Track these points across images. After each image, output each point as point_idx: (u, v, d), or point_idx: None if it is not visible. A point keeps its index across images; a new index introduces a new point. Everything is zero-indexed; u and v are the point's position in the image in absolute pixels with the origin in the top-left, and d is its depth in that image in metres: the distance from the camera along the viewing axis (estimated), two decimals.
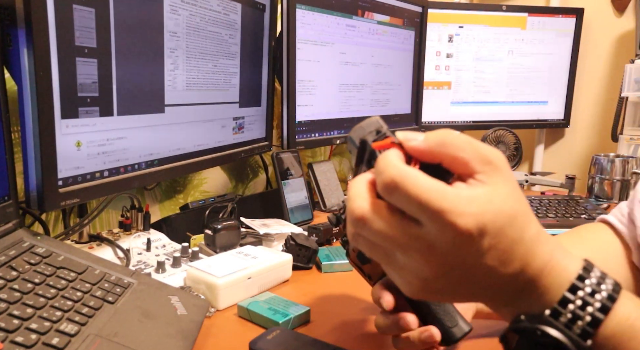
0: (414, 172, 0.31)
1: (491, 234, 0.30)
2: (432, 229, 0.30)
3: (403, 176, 0.31)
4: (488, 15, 1.59)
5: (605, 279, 0.33)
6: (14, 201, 0.61)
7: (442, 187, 0.30)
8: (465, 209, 0.30)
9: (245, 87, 1.03)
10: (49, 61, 0.60)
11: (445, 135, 0.32)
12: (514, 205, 0.31)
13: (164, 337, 0.50)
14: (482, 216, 0.30)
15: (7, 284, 0.48)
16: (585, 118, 1.73)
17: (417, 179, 0.30)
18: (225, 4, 0.92)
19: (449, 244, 0.30)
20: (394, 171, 0.31)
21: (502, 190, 0.31)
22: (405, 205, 0.31)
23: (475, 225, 0.30)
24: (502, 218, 0.30)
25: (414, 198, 0.30)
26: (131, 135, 0.74)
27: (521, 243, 0.31)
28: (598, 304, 0.31)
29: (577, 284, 0.32)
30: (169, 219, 0.92)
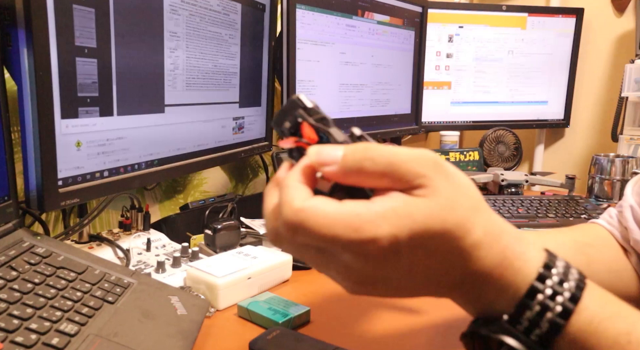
0: (312, 207, 0.29)
1: (409, 250, 0.29)
2: (346, 256, 0.29)
3: (301, 218, 0.29)
4: (488, 15, 1.59)
5: (568, 275, 0.31)
6: (14, 201, 0.61)
7: (347, 214, 0.28)
8: (375, 234, 0.28)
9: (245, 87, 1.03)
10: (49, 61, 0.60)
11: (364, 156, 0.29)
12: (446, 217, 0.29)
13: (164, 337, 0.50)
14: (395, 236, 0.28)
15: (7, 284, 0.48)
16: (585, 118, 1.73)
17: (316, 216, 0.28)
18: (225, 4, 0.92)
19: (366, 266, 0.29)
20: (290, 215, 0.29)
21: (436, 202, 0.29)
22: (314, 242, 0.29)
23: (388, 246, 0.28)
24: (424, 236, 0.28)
25: (318, 237, 0.29)
26: (131, 135, 0.74)
27: (456, 252, 0.29)
28: (559, 307, 0.29)
29: (537, 286, 0.30)
30: (169, 219, 0.92)
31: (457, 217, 0.29)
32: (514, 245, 0.31)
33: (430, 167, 0.30)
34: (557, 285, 0.30)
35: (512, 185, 1.34)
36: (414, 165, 0.29)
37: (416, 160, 0.30)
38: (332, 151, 0.30)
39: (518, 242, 0.32)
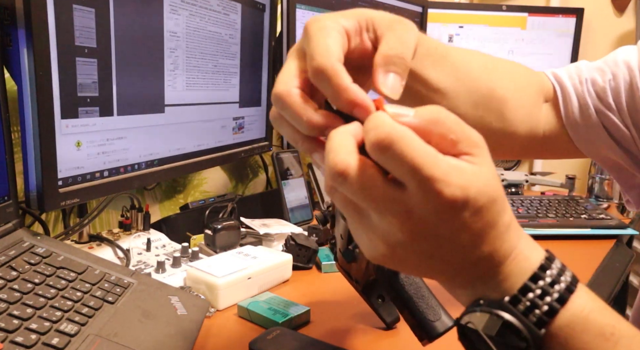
0: (410, 133, 0.30)
1: (471, 209, 0.30)
2: (416, 195, 0.30)
3: (399, 135, 0.29)
4: (488, 15, 1.59)
5: (565, 270, 0.33)
6: (14, 201, 0.61)
7: (435, 154, 0.30)
8: (454, 180, 0.29)
9: (245, 87, 1.03)
10: (49, 61, 0.60)
11: (438, 113, 0.31)
12: (496, 188, 0.31)
13: (164, 337, 0.50)
14: (468, 190, 0.29)
15: (7, 284, 0.48)
16: None
17: (412, 140, 0.29)
18: (225, 4, 0.92)
19: (429, 212, 0.30)
20: (389, 128, 0.29)
21: (486, 172, 0.31)
22: (395, 166, 0.30)
23: (460, 196, 0.29)
24: (485, 197, 0.30)
25: (407, 160, 0.29)
26: (131, 135, 0.74)
27: (495, 227, 0.31)
28: (556, 294, 0.32)
29: (539, 274, 0.32)
30: (169, 219, 0.92)
31: (501, 190, 0.32)
32: (526, 238, 0.34)
33: (482, 140, 0.32)
34: (556, 276, 0.32)
35: (512, 185, 1.34)
36: (475, 134, 0.31)
37: (474, 131, 0.32)
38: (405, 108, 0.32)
39: (527, 237, 0.34)
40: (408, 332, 0.52)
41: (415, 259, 0.32)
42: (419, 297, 0.50)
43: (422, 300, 0.50)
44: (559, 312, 0.31)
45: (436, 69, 0.49)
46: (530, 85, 0.60)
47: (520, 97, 0.58)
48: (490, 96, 0.55)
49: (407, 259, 0.32)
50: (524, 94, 0.59)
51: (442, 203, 0.29)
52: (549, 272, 0.32)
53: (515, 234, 0.33)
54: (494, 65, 0.58)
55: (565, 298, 0.32)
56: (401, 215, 0.30)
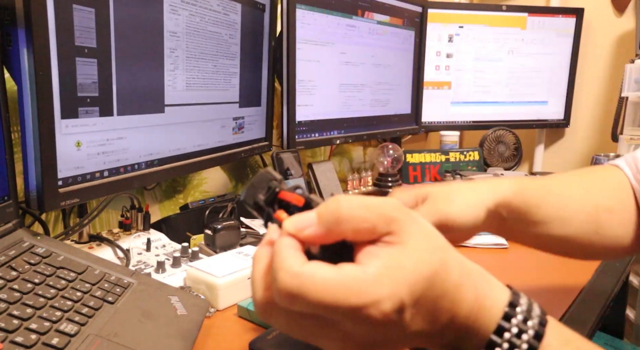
0: (310, 273, 0.28)
1: (411, 305, 0.29)
2: (347, 324, 0.29)
3: (298, 285, 0.28)
4: (488, 15, 1.59)
5: (531, 312, 0.32)
6: (14, 201, 0.61)
7: (345, 279, 0.28)
8: (378, 296, 0.27)
9: (245, 87, 1.03)
10: (49, 61, 0.60)
11: (338, 209, 0.30)
12: (430, 261, 0.29)
13: (164, 337, 0.50)
14: (398, 294, 0.28)
15: (7, 284, 0.48)
16: (585, 118, 1.73)
17: (314, 282, 0.27)
18: (225, 4, 0.92)
19: (369, 331, 0.29)
20: (287, 281, 0.28)
21: (413, 246, 0.29)
22: (312, 311, 0.29)
23: (392, 307, 0.28)
24: (420, 285, 0.29)
25: (318, 305, 0.28)
26: (131, 135, 0.74)
27: (445, 296, 0.30)
28: (525, 345, 0.30)
29: (503, 325, 0.31)
30: (169, 219, 0.92)
31: (438, 257, 0.30)
32: (482, 284, 0.32)
33: (400, 209, 0.30)
34: (522, 324, 0.31)
35: None
36: (387, 209, 0.30)
37: (385, 204, 0.30)
38: (306, 215, 0.31)
39: (484, 279, 0.33)
40: None
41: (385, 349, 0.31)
42: None
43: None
44: None
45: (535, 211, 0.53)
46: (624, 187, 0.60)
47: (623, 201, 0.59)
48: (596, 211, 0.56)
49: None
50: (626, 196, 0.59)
51: (377, 322, 0.28)
52: (514, 320, 0.31)
53: (470, 287, 0.31)
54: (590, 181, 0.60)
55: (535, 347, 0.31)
56: (342, 339, 0.30)
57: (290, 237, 0.30)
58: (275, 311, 0.30)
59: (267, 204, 0.35)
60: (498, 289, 0.33)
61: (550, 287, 0.64)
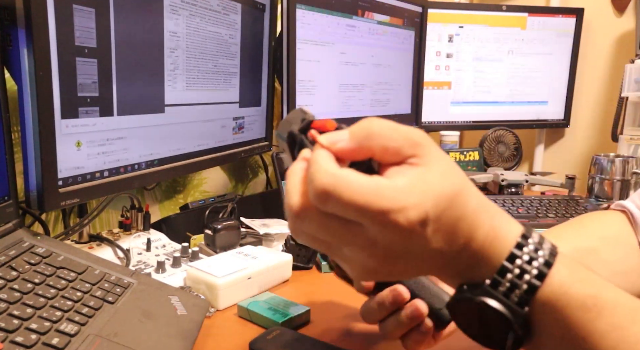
0: (345, 175, 0.30)
1: (434, 219, 0.30)
2: (374, 229, 0.30)
3: (333, 183, 0.29)
4: (488, 15, 1.59)
5: (542, 244, 0.33)
6: (14, 201, 0.61)
7: (377, 185, 0.30)
8: (405, 203, 0.29)
9: (245, 87, 1.03)
10: (49, 61, 0.60)
11: (370, 126, 0.32)
12: (452, 181, 0.31)
13: (164, 337, 0.50)
14: (424, 205, 0.30)
15: (7, 284, 0.48)
16: (585, 118, 1.73)
17: (349, 183, 0.29)
18: (225, 4, 0.92)
19: (394, 239, 0.30)
20: (323, 179, 0.30)
21: (437, 169, 0.31)
22: (343, 212, 0.30)
23: (418, 217, 0.29)
24: (443, 200, 0.30)
25: (349, 205, 0.29)
26: (131, 135, 0.74)
27: (464, 219, 0.32)
28: (535, 271, 0.32)
29: (515, 253, 0.32)
30: (169, 219, 0.92)
31: (460, 179, 0.32)
32: (499, 215, 0.34)
33: (425, 137, 0.32)
34: (533, 252, 0.33)
35: (512, 185, 1.34)
36: (414, 133, 0.32)
37: (413, 130, 0.32)
38: (339, 132, 0.33)
39: (500, 213, 0.34)
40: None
41: (398, 272, 0.33)
42: (420, 288, 0.50)
43: (423, 291, 0.49)
44: (538, 290, 0.32)
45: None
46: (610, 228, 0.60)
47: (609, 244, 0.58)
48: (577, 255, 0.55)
49: (391, 274, 0.33)
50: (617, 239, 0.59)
51: (402, 230, 0.29)
52: (525, 249, 0.33)
53: (486, 216, 0.33)
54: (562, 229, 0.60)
55: (544, 273, 0.32)
56: (366, 247, 0.31)
57: (324, 149, 0.32)
58: (307, 217, 0.32)
59: (301, 132, 0.37)
60: (513, 223, 0.34)
61: None
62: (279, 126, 0.38)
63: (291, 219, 0.33)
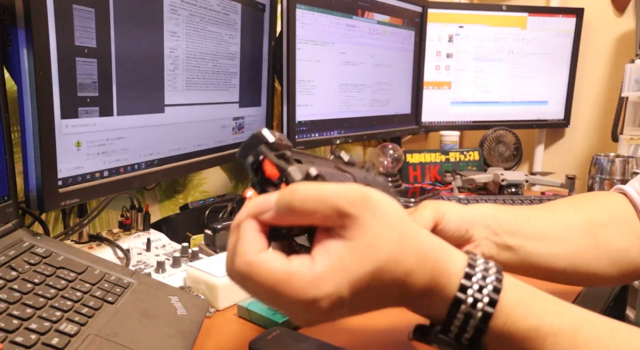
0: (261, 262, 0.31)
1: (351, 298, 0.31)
2: (291, 307, 0.31)
3: (248, 271, 0.31)
4: (488, 15, 1.59)
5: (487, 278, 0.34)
6: (14, 201, 0.61)
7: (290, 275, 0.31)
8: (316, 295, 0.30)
9: (245, 87, 1.03)
10: (49, 61, 0.60)
11: (292, 200, 0.32)
12: (378, 256, 0.31)
13: (164, 337, 0.50)
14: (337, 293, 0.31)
15: (7, 284, 0.48)
16: (585, 118, 1.73)
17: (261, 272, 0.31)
18: (225, 4, 0.92)
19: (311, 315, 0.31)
20: (240, 265, 0.32)
21: (361, 243, 0.31)
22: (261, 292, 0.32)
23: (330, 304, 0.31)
24: (363, 282, 0.31)
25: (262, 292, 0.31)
26: (131, 135, 0.74)
27: (394, 284, 0.32)
28: (480, 313, 0.33)
29: (460, 297, 0.33)
30: (169, 219, 0.92)
31: (387, 252, 0.32)
32: (441, 261, 0.34)
33: (357, 203, 0.32)
34: (477, 293, 0.33)
35: (512, 185, 1.33)
36: (342, 203, 0.31)
37: (343, 196, 0.31)
38: (267, 198, 0.33)
39: (444, 255, 0.35)
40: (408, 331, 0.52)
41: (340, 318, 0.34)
42: None
43: None
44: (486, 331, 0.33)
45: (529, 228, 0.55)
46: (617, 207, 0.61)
47: (617, 221, 0.59)
48: (589, 227, 0.57)
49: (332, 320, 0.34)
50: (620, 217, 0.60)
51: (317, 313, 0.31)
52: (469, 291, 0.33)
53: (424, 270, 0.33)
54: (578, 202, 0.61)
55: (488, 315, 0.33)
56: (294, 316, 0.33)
57: (252, 220, 0.33)
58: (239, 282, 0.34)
59: (253, 169, 0.35)
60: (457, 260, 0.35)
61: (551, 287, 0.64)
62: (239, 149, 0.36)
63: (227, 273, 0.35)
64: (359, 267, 0.31)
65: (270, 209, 0.33)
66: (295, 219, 0.32)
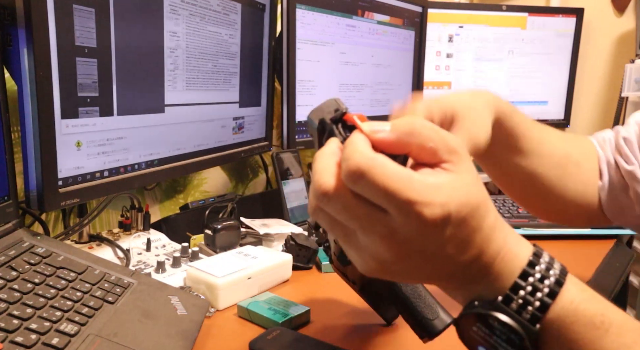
0: (381, 159, 0.30)
1: (454, 223, 0.31)
2: (397, 217, 0.30)
3: (369, 164, 0.30)
4: (488, 15, 1.59)
5: (553, 264, 0.34)
6: (14, 201, 0.61)
7: (409, 175, 0.30)
8: (432, 199, 0.30)
9: (245, 87, 1.03)
10: (49, 61, 0.60)
11: (413, 123, 0.32)
12: (477, 194, 0.32)
13: (164, 337, 0.50)
14: (448, 206, 0.30)
15: (7, 284, 0.48)
16: (585, 118, 1.73)
17: (384, 167, 0.30)
18: (225, 4, 0.92)
19: (413, 232, 0.30)
20: (359, 159, 0.30)
21: (466, 179, 0.32)
22: (371, 194, 0.30)
23: (441, 214, 0.30)
24: (466, 207, 0.31)
25: (380, 188, 0.30)
26: (131, 135, 0.74)
27: (480, 231, 0.32)
28: (547, 289, 0.33)
29: (528, 271, 0.33)
30: (169, 219, 0.92)
31: (483, 194, 0.33)
32: (512, 235, 0.35)
33: (461, 146, 0.33)
34: (545, 271, 0.33)
35: None
36: (453, 140, 0.32)
37: (452, 137, 0.32)
38: (381, 123, 0.33)
39: (513, 233, 0.35)
40: (408, 331, 0.52)
41: (406, 272, 0.33)
42: (416, 296, 0.50)
43: (419, 300, 0.50)
44: (550, 307, 0.32)
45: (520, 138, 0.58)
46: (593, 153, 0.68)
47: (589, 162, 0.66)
48: (567, 159, 0.63)
49: (398, 272, 0.33)
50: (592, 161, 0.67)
51: (424, 223, 0.30)
52: (537, 267, 0.33)
53: (501, 233, 0.34)
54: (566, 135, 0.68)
55: (555, 292, 0.33)
56: (385, 236, 0.31)
57: (364, 136, 0.32)
58: (333, 197, 0.32)
59: (333, 122, 0.37)
60: (524, 242, 0.35)
61: None
62: (311, 112, 0.38)
63: (316, 198, 0.32)
64: (466, 195, 0.31)
65: (385, 131, 0.32)
66: (408, 144, 0.32)
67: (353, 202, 0.31)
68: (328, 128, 0.37)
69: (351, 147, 0.31)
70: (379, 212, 0.31)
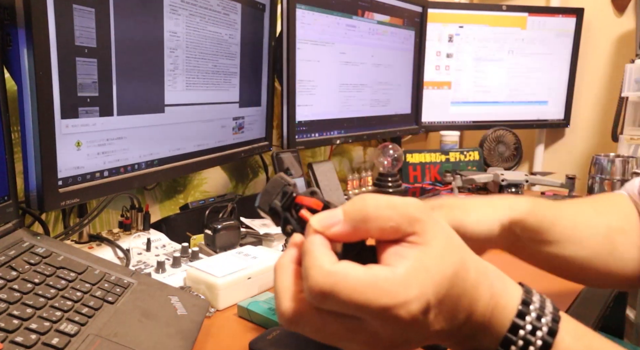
0: (342, 273, 0.29)
1: (435, 305, 0.29)
2: (375, 323, 0.29)
3: (330, 283, 0.28)
4: (488, 15, 1.59)
5: (544, 309, 0.32)
6: (14, 201, 0.61)
7: (375, 279, 0.28)
8: (406, 297, 0.28)
9: (245, 87, 1.03)
10: (49, 61, 0.60)
11: (366, 209, 0.30)
12: (452, 260, 0.30)
13: (164, 337, 0.50)
14: (425, 295, 0.29)
15: (7, 284, 0.48)
16: (585, 118, 1.73)
17: (346, 281, 0.28)
18: (225, 4, 0.92)
19: (396, 330, 0.29)
20: (319, 279, 0.29)
21: (436, 248, 0.30)
22: (342, 309, 0.29)
23: (419, 308, 0.29)
24: (444, 285, 0.29)
25: (349, 304, 0.28)
26: (131, 135, 0.74)
27: (464, 295, 0.31)
28: (539, 341, 0.31)
29: (518, 323, 0.32)
30: (169, 219, 0.92)
31: (458, 256, 0.31)
32: (497, 283, 0.33)
33: (424, 210, 0.31)
34: (536, 320, 0.32)
35: (512, 185, 1.34)
36: (411, 210, 0.30)
37: (411, 204, 0.31)
38: (332, 213, 0.31)
39: (499, 277, 0.33)
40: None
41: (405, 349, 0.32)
42: None
43: None
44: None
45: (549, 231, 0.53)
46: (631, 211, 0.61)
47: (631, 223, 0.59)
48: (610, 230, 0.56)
49: None
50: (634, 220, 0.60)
51: (404, 322, 0.29)
52: (527, 318, 0.32)
53: (485, 286, 0.32)
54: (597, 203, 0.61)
55: (549, 343, 0.31)
56: (368, 341, 0.30)
57: (319, 235, 0.31)
58: (303, 319, 0.31)
59: (284, 209, 0.35)
60: (512, 287, 0.33)
61: (551, 287, 0.64)
62: (259, 197, 0.36)
63: (285, 324, 0.31)
64: (440, 269, 0.29)
65: (339, 223, 0.31)
66: (366, 231, 0.30)
67: (325, 321, 0.30)
68: (282, 216, 0.35)
69: (308, 261, 0.30)
70: (355, 322, 0.30)
